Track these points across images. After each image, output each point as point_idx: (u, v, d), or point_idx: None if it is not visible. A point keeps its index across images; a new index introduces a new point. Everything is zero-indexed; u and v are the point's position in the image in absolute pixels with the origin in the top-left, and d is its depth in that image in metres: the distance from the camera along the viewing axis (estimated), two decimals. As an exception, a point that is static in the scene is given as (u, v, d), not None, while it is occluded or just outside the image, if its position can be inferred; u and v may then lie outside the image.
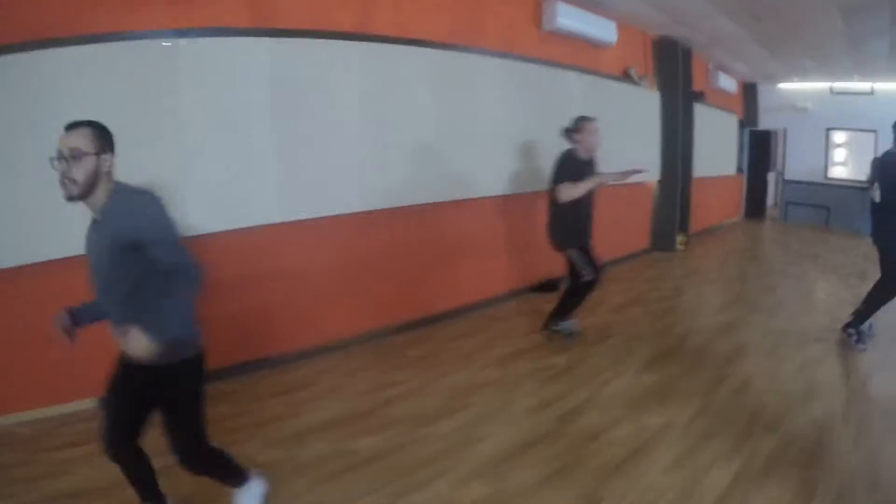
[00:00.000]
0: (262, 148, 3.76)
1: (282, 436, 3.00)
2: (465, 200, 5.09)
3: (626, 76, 7.02)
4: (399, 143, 4.51)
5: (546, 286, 5.90)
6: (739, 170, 11.72)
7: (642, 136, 7.41)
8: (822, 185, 11.27)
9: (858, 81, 10.38)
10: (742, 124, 11.64)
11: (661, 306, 5.42)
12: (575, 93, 6.08)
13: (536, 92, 5.65)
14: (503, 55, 5.28)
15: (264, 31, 3.71)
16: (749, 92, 11.89)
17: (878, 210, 4.09)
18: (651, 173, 7.77)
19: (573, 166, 4.04)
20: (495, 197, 5.38)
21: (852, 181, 10.73)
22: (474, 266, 5.32)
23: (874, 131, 10.29)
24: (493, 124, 5.25)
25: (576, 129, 4.11)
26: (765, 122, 12.01)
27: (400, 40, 4.44)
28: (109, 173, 1.81)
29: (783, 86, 11.67)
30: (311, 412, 3.29)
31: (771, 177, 12.48)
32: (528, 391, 3.59)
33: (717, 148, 10.18)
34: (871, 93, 10.41)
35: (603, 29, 6.32)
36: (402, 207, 4.59)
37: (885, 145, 4.12)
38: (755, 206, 12.40)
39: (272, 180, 3.83)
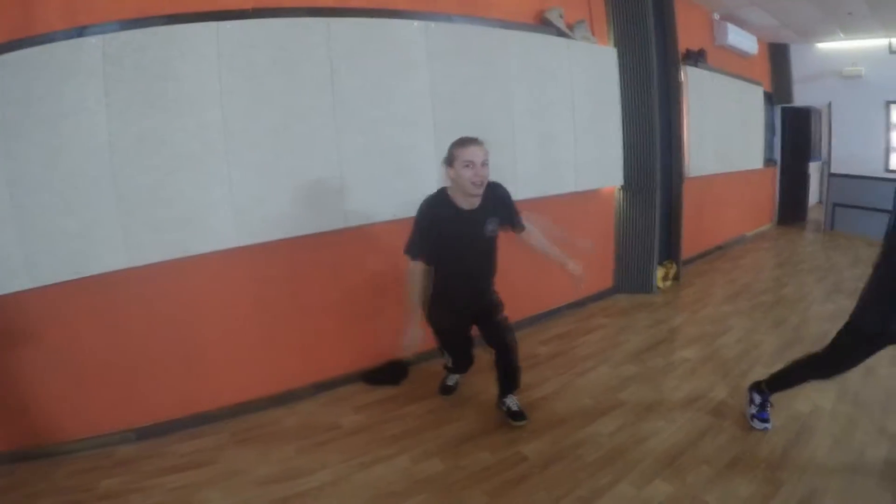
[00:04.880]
0: None
1: None
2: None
3: (544, 23, 4.28)
4: None
5: (388, 373, 3.59)
6: (770, 161, 8.69)
7: (585, 121, 4.62)
8: (883, 179, 8.06)
9: None
10: (770, 99, 8.64)
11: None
12: (419, 59, 3.53)
13: (324, 64, 3.23)
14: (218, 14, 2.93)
15: None
16: (778, 55, 8.79)
17: None
18: (611, 176, 5.00)
19: (432, 220, 2.72)
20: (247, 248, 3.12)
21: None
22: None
23: None
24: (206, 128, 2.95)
25: (447, 159, 2.68)
26: (801, 96, 8.92)
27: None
28: None
29: (824, 45, 8.57)
30: None
31: (814, 169, 9.42)
32: None
33: (731, 132, 7.24)
34: None
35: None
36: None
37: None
38: (792, 208, 9.35)
39: None
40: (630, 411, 3.15)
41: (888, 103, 8.08)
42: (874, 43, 8.04)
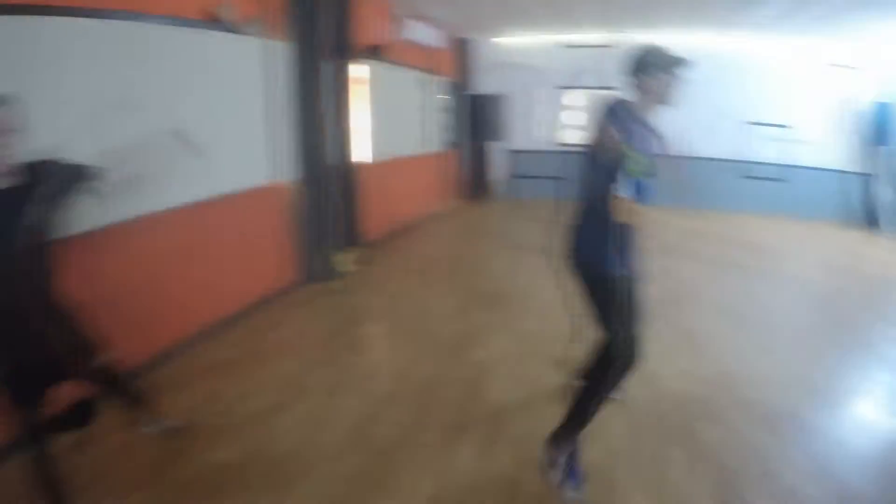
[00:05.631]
0: None
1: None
2: None
3: (215, 19, 4.22)
4: None
5: (73, 416, 2.87)
6: (454, 143, 9.77)
7: (254, 116, 4.67)
8: (557, 153, 9.69)
9: (599, 32, 8.95)
10: (456, 88, 9.67)
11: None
12: (77, 59, 3.15)
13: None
14: None
15: None
16: (463, 49, 9.97)
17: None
18: (283, 170, 5.09)
19: None
20: None
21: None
22: None
23: (612, 88, 8.98)
24: None
25: None
26: (485, 85, 10.26)
27: None
28: None
29: (506, 40, 9.99)
30: None
31: (497, 149, 10.77)
32: None
33: (413, 119, 7.96)
34: (609, 45, 8.76)
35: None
36: None
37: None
38: (478, 183, 10.66)
39: None
40: (317, 395, 3.39)
41: (559, 88, 9.82)
42: (548, 37, 9.65)
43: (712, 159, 9.27)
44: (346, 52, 5.52)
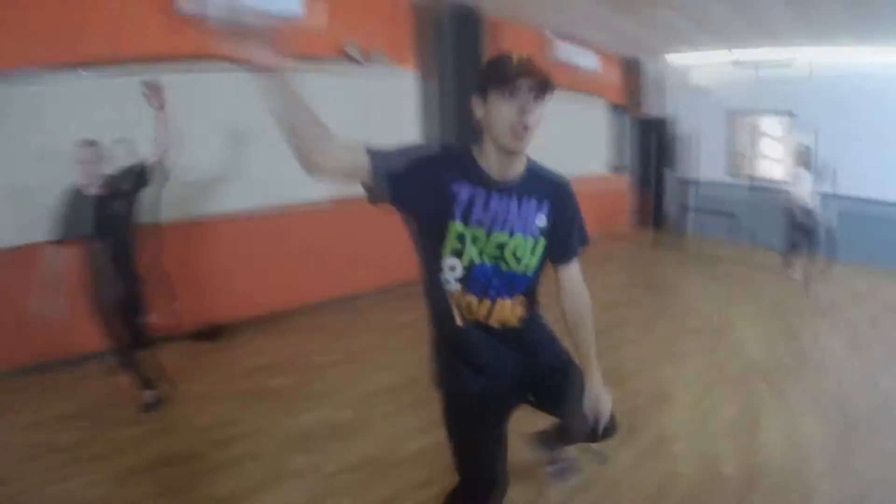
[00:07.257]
0: None
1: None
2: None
3: (343, 56, 4.94)
4: None
5: (208, 334, 4.39)
6: (618, 168, 9.52)
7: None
8: (736, 186, 8.69)
9: (767, 47, 7.79)
10: (623, 110, 9.47)
11: None
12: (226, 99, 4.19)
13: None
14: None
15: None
16: (630, 69, 9.40)
17: None
18: None
19: None
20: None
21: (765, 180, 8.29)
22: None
23: (789, 114, 7.91)
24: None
25: None
26: (656, 108, 9.58)
27: None
28: None
29: (674, 58, 9.22)
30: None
31: (670, 177, 10.08)
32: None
33: (565, 142, 7.85)
34: (789, 65, 7.70)
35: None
36: None
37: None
38: (651, 214, 9.86)
39: None
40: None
41: (733, 113, 8.67)
42: (719, 56, 8.48)
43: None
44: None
